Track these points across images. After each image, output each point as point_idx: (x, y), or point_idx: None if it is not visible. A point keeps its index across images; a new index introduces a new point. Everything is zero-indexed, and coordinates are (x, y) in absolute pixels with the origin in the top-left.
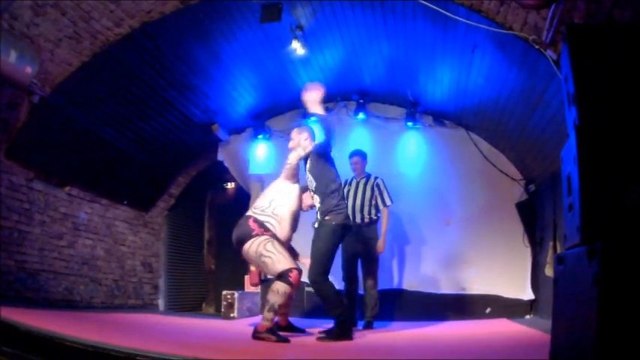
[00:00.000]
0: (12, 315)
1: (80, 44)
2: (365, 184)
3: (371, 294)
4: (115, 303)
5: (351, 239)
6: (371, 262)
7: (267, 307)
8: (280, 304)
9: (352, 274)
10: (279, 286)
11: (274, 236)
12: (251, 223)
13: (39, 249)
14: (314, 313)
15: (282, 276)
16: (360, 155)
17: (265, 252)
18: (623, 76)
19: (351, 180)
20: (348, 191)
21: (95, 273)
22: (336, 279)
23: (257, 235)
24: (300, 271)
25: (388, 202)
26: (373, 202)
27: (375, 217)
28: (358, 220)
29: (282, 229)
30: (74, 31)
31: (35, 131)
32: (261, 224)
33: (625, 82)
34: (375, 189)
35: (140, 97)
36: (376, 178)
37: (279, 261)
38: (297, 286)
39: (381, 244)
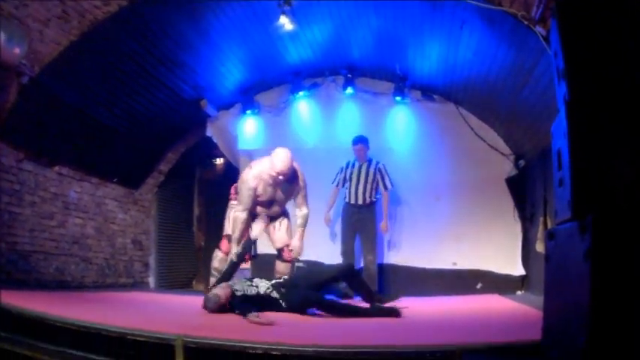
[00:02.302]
0: (3, 297)
1: (69, 23)
2: (367, 168)
3: (371, 269)
4: (106, 282)
5: (352, 219)
6: (370, 240)
7: None
8: (215, 268)
9: (350, 249)
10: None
11: None
12: (232, 189)
13: (29, 230)
14: None
15: None
16: (363, 142)
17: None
18: (613, 50)
19: (354, 163)
20: (351, 174)
21: (86, 252)
22: (335, 254)
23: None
24: (229, 239)
25: (389, 186)
26: (374, 186)
27: (374, 199)
28: (360, 201)
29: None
30: (62, 10)
31: (24, 112)
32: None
33: (615, 57)
34: (378, 173)
35: (129, 74)
36: (378, 163)
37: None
38: (224, 251)
39: (384, 225)
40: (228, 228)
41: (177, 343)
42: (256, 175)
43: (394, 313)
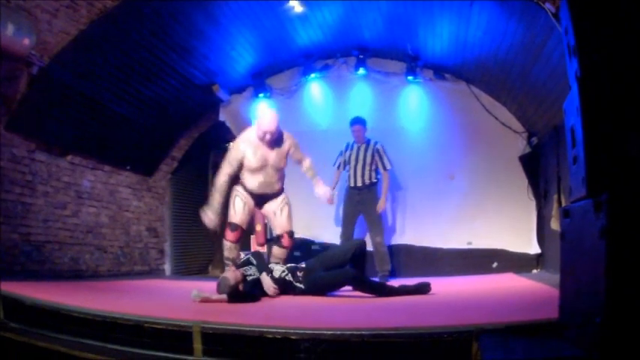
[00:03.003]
0: (17, 289)
1: (77, 13)
2: (366, 150)
3: (381, 251)
4: (121, 270)
5: (353, 200)
6: (376, 221)
7: None
8: (227, 257)
9: (350, 232)
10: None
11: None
12: None
13: (43, 220)
14: None
15: None
16: (361, 123)
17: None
18: (624, 25)
19: (352, 145)
20: (350, 156)
21: (100, 241)
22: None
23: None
24: (233, 227)
25: (388, 166)
26: (373, 167)
27: (375, 180)
28: (360, 183)
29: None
30: (71, 0)
31: (35, 102)
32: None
33: (626, 32)
34: (376, 154)
35: (139, 61)
36: (376, 143)
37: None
38: (229, 240)
39: (381, 203)
40: (231, 215)
41: (194, 329)
42: (244, 139)
43: (425, 288)
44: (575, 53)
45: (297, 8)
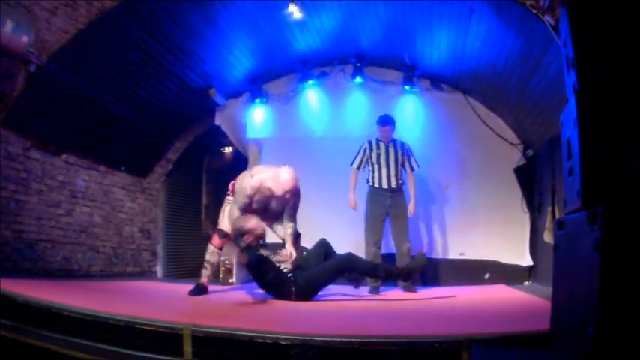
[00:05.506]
0: (10, 286)
1: (76, 12)
2: (395, 149)
3: (408, 257)
4: (113, 270)
5: (384, 203)
6: (405, 226)
7: None
8: (208, 262)
9: (379, 237)
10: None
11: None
12: (230, 186)
13: (36, 218)
14: None
15: None
16: (394, 124)
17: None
18: (623, 38)
19: (378, 143)
20: (379, 155)
21: (93, 241)
22: (348, 241)
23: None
24: (222, 234)
25: (416, 167)
26: (401, 168)
27: (402, 181)
28: (394, 184)
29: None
30: None
31: (32, 100)
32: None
33: (625, 45)
34: (405, 154)
35: (137, 63)
36: (403, 143)
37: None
38: (214, 245)
39: (412, 207)
40: (221, 223)
41: (185, 332)
42: (255, 186)
43: (419, 264)
44: (574, 66)
45: (296, 14)
